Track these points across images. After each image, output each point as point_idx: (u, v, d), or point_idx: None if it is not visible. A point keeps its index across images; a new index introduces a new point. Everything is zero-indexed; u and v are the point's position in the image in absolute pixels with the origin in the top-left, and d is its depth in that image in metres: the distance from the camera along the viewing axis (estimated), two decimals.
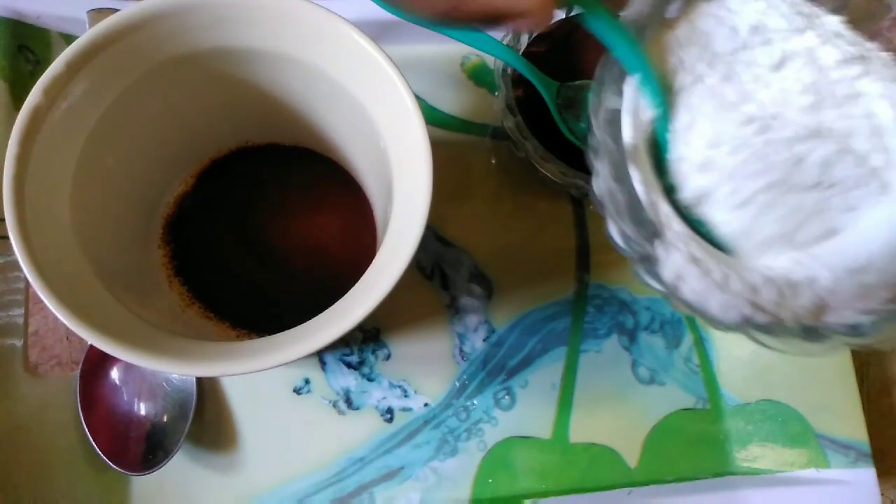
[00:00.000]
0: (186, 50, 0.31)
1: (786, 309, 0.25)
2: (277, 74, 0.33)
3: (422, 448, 0.40)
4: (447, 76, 0.45)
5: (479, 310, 0.42)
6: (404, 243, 0.27)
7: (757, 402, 0.41)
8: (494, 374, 0.41)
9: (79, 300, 0.27)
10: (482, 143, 0.44)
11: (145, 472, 0.37)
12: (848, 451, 0.40)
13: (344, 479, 0.39)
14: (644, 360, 0.42)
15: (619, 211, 0.25)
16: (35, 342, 0.40)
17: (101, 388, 0.38)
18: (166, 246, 0.39)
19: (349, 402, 0.40)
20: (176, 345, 0.28)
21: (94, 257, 0.30)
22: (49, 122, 0.28)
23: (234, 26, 0.30)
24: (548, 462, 0.40)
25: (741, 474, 0.40)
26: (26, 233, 0.27)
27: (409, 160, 0.29)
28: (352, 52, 0.30)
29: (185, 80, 0.33)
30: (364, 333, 0.41)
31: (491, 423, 0.41)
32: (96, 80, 0.29)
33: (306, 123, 0.37)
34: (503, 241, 0.43)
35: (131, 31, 0.29)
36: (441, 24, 0.25)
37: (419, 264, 0.42)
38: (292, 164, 0.41)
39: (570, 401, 0.41)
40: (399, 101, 0.29)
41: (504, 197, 0.43)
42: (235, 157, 0.40)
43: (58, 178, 0.29)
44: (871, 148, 0.26)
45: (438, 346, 0.41)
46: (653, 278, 0.25)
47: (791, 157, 0.25)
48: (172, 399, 0.38)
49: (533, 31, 0.39)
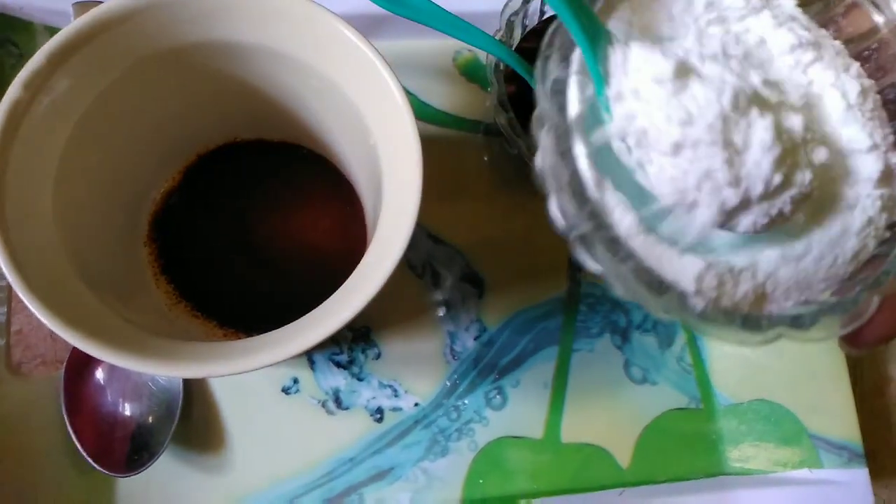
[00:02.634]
0: (173, 44, 0.30)
1: (726, 297, 0.25)
2: (265, 69, 0.32)
3: (412, 448, 0.40)
4: (439, 71, 0.44)
5: (471, 308, 0.42)
6: (394, 241, 0.27)
7: (750, 401, 0.41)
8: (486, 374, 0.41)
9: (61, 300, 0.26)
10: (474, 139, 0.44)
11: (130, 473, 0.36)
12: (841, 451, 0.40)
13: (333, 480, 0.39)
14: (637, 360, 0.42)
15: (561, 187, 0.25)
16: (18, 341, 0.40)
17: (85, 388, 0.37)
18: (152, 243, 0.38)
19: (338, 401, 0.40)
20: (161, 345, 0.27)
21: (77, 256, 0.29)
22: (30, 117, 0.28)
23: (222, 20, 0.30)
24: (539, 462, 0.40)
25: (734, 474, 0.40)
26: (6, 232, 0.26)
27: (400, 157, 0.28)
28: (341, 46, 0.29)
29: (171, 75, 0.32)
30: (354, 332, 0.41)
31: (482, 423, 0.40)
32: (79, 75, 0.29)
33: (295, 119, 0.36)
34: (495, 238, 0.42)
35: (116, 24, 0.28)
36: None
37: (410, 262, 0.42)
38: (281, 160, 0.40)
39: (562, 400, 0.41)
40: (389, 97, 0.29)
41: (496, 194, 0.43)
42: (223, 153, 0.40)
43: (39, 175, 0.29)
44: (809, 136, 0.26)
45: (429, 346, 0.41)
46: (591, 258, 0.25)
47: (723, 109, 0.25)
48: (158, 399, 0.37)
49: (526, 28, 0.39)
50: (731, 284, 0.25)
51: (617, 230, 0.24)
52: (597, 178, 0.24)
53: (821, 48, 0.27)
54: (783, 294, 0.26)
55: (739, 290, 0.25)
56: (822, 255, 0.26)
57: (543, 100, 0.25)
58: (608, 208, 0.24)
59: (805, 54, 0.26)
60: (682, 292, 0.24)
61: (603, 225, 0.24)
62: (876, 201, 0.26)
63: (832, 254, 0.26)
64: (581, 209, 0.24)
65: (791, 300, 0.26)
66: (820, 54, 0.26)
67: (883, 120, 0.27)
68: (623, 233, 0.24)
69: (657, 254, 0.24)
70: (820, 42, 0.27)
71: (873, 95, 0.27)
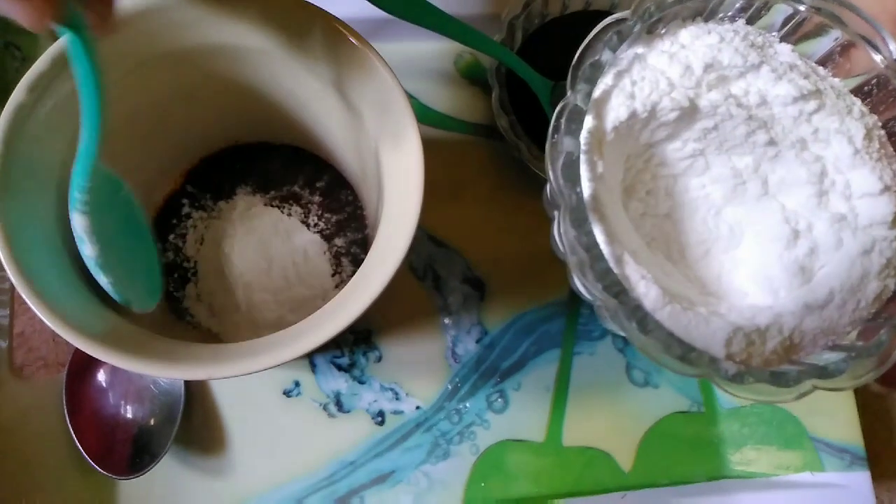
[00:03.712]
0: (175, 46, 0.30)
1: (756, 356, 0.25)
2: (267, 72, 0.32)
3: (413, 451, 0.40)
4: (440, 74, 0.44)
5: (472, 311, 0.42)
6: (395, 244, 0.27)
7: (752, 405, 0.41)
8: (487, 377, 0.41)
9: (63, 302, 0.26)
10: (475, 142, 0.44)
11: (132, 475, 0.36)
12: (843, 454, 0.39)
13: (334, 483, 0.39)
14: (638, 363, 0.41)
15: (581, 262, 0.25)
16: (21, 343, 0.40)
17: (87, 391, 0.37)
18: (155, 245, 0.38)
19: (340, 404, 0.40)
20: (163, 347, 0.27)
21: (80, 258, 0.29)
22: (34, 120, 0.28)
23: (223, 24, 0.30)
24: (541, 465, 0.40)
25: (736, 478, 0.40)
26: (10, 233, 0.26)
27: (401, 159, 0.28)
28: (343, 49, 0.29)
29: (173, 77, 0.32)
30: (355, 335, 0.41)
31: (483, 426, 0.40)
32: None
33: (297, 122, 0.36)
34: (496, 241, 0.42)
35: (119, 28, 0.29)
36: None
37: (411, 265, 0.42)
38: (282, 162, 0.40)
39: (563, 403, 0.41)
40: (391, 100, 0.29)
41: (497, 197, 0.43)
42: (225, 156, 0.40)
43: (43, 176, 0.29)
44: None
45: (430, 348, 0.41)
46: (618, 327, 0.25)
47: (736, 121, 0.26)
48: (160, 402, 0.37)
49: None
50: (759, 343, 0.25)
51: (642, 302, 0.24)
52: (617, 255, 0.24)
53: (822, 95, 0.26)
54: (810, 342, 0.26)
55: (768, 346, 0.25)
56: (844, 301, 0.26)
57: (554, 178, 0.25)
58: (631, 282, 0.24)
59: (807, 104, 0.26)
60: (713, 357, 0.24)
61: (626, 298, 0.24)
62: (893, 242, 0.26)
63: (854, 299, 0.26)
64: (604, 282, 0.24)
65: (819, 346, 0.26)
66: (822, 101, 0.26)
67: (891, 156, 0.27)
68: (650, 306, 0.24)
69: (684, 323, 0.24)
70: (820, 89, 0.27)
71: (878, 133, 0.27)
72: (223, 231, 0.38)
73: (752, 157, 0.28)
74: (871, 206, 0.26)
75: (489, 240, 0.42)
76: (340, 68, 0.30)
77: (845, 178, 0.26)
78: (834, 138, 0.26)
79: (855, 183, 0.26)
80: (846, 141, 0.26)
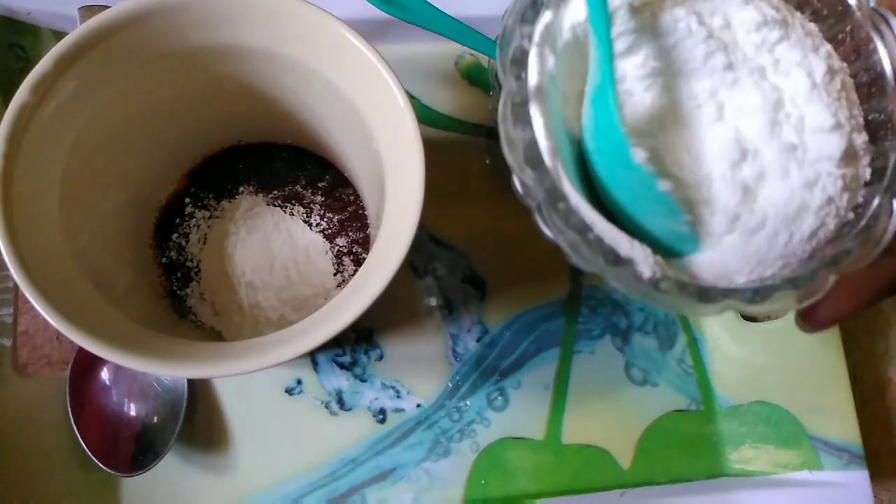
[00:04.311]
0: (178, 47, 0.31)
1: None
2: (270, 73, 0.33)
3: (414, 449, 0.40)
4: (441, 75, 0.45)
5: (473, 310, 0.42)
6: (397, 243, 0.27)
7: (750, 403, 0.41)
8: (487, 375, 0.41)
9: (66, 300, 0.27)
10: (476, 142, 0.44)
11: (135, 473, 0.36)
12: (841, 453, 0.40)
13: (336, 481, 0.39)
14: (637, 362, 0.42)
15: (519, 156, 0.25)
16: (25, 342, 0.40)
17: (91, 389, 0.38)
18: (158, 245, 0.38)
19: (341, 402, 0.40)
20: (166, 346, 0.28)
21: (83, 257, 0.30)
22: (37, 120, 0.28)
23: (227, 24, 0.30)
24: (541, 463, 0.40)
25: (734, 476, 0.40)
26: (14, 232, 0.27)
27: (402, 160, 0.29)
28: (344, 50, 0.29)
29: (176, 78, 0.32)
30: (356, 334, 0.41)
31: (484, 424, 0.40)
32: (86, 78, 0.29)
33: (299, 122, 0.36)
34: (497, 241, 0.43)
35: (122, 28, 0.29)
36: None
37: (412, 264, 0.42)
38: (285, 162, 0.40)
39: (563, 402, 0.41)
40: (392, 101, 0.29)
41: (498, 197, 0.43)
42: (228, 156, 0.40)
43: (47, 177, 0.29)
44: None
45: (431, 347, 0.41)
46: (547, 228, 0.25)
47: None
48: (163, 399, 0.38)
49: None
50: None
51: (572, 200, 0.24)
52: (552, 148, 0.24)
53: (788, 27, 0.26)
54: (737, 269, 0.26)
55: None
56: (776, 231, 0.25)
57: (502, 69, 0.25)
58: (562, 178, 0.24)
59: (771, 33, 0.26)
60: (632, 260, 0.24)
61: (559, 195, 0.24)
62: (837, 180, 0.25)
63: (787, 231, 0.25)
64: (538, 177, 0.24)
65: (744, 276, 0.26)
66: (787, 33, 0.26)
67: (853, 102, 0.27)
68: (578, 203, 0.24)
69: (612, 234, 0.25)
70: (788, 21, 0.26)
71: (843, 77, 0.27)
72: (226, 230, 0.38)
73: (710, 81, 0.27)
74: (820, 141, 0.26)
75: (490, 239, 0.43)
76: (342, 70, 0.30)
77: (800, 112, 0.26)
78: (794, 70, 0.26)
79: (808, 117, 0.26)
80: (805, 74, 0.26)
